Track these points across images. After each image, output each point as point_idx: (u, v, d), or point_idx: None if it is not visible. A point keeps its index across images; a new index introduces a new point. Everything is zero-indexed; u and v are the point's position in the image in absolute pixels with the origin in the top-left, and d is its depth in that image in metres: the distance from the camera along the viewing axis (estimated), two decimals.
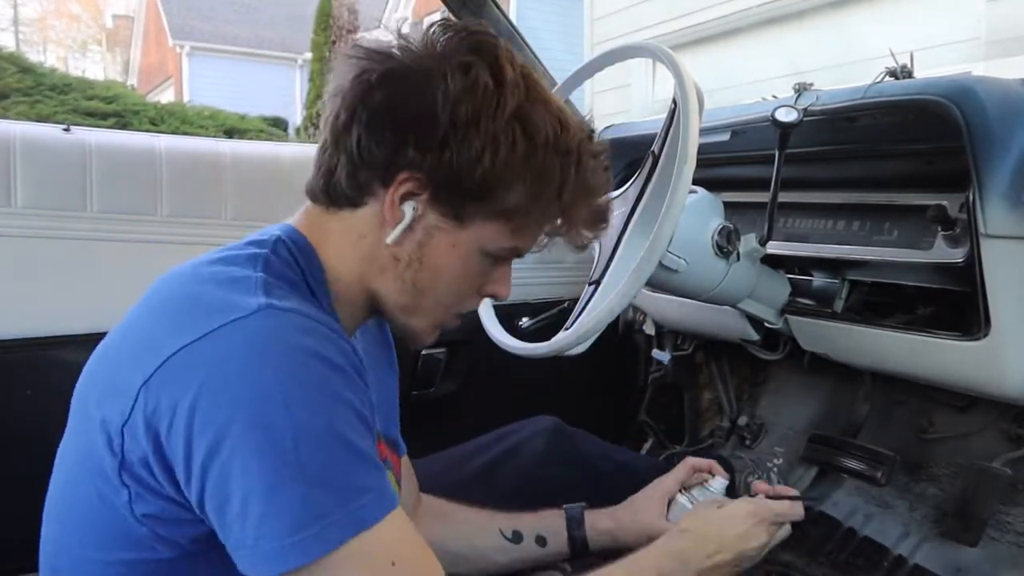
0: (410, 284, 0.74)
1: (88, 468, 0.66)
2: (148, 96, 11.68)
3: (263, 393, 0.58)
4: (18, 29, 21.67)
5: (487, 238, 0.72)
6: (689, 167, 0.86)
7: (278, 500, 0.57)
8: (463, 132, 0.67)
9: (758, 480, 0.98)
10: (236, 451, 0.57)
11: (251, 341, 0.60)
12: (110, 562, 0.66)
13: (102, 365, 0.70)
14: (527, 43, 1.55)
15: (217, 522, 0.60)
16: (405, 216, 0.70)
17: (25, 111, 6.56)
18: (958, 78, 0.94)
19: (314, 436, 0.59)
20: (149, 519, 0.64)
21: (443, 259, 0.73)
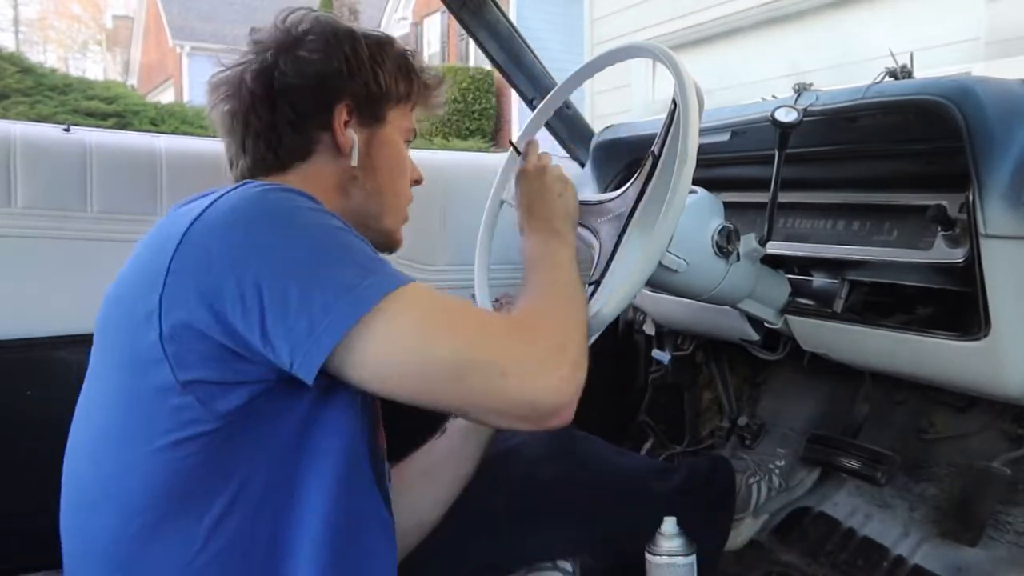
0: (372, 189, 0.91)
1: (124, 367, 0.71)
2: (148, 96, 11.68)
3: (285, 213, 0.70)
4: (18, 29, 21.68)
5: (398, 124, 0.93)
6: (689, 167, 0.86)
7: (329, 275, 0.67)
8: (357, 64, 0.88)
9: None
10: (276, 267, 0.66)
11: (259, 190, 0.73)
12: (155, 449, 0.69)
13: (123, 281, 0.76)
14: (527, 43, 1.55)
15: (285, 331, 0.65)
16: (354, 137, 0.88)
17: (25, 111, 6.57)
18: (958, 78, 0.94)
19: (340, 230, 0.71)
20: (191, 386, 0.68)
21: (386, 156, 0.92)
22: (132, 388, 0.71)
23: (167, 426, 0.69)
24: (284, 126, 0.87)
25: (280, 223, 0.70)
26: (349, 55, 0.88)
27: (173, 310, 0.67)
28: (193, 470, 0.70)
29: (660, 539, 1.03)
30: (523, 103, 1.60)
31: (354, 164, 0.88)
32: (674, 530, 1.03)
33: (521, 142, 1.11)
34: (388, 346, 0.67)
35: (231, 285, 0.66)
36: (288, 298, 0.65)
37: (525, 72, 1.56)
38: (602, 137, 1.53)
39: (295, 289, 0.65)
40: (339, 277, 0.67)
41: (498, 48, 1.53)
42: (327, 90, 0.87)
